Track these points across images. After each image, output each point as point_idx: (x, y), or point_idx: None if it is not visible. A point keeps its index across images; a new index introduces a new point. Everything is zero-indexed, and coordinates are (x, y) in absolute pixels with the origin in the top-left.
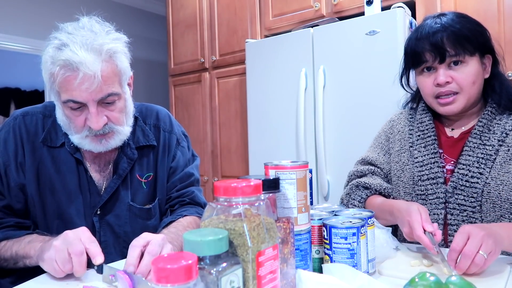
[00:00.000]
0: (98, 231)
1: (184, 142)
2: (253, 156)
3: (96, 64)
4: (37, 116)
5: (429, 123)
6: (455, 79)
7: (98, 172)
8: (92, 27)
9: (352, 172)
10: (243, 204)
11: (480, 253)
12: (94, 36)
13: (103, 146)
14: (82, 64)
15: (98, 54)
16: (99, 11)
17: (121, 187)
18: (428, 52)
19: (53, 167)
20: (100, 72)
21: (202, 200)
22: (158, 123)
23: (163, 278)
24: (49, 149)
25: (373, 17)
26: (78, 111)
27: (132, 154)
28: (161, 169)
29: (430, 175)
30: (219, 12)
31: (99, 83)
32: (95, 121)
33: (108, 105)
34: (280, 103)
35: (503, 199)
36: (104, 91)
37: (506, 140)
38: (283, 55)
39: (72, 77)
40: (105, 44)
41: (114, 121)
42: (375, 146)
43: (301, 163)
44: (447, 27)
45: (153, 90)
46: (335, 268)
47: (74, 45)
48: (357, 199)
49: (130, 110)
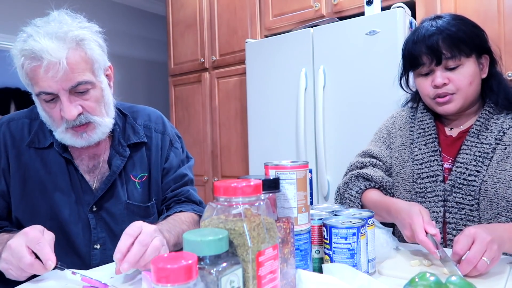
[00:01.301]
0: (94, 228)
1: (178, 143)
2: (253, 156)
3: (61, 51)
4: (23, 121)
5: (430, 122)
6: (452, 80)
7: (88, 172)
8: (61, 19)
9: (352, 163)
10: (243, 204)
11: (483, 259)
12: (59, 25)
13: (84, 140)
14: (45, 52)
15: (62, 42)
16: (96, 10)
17: (117, 185)
18: (424, 55)
19: (43, 169)
20: (66, 59)
21: (198, 198)
22: (150, 124)
23: (163, 278)
24: (37, 151)
25: (373, 17)
26: (52, 103)
27: (124, 151)
28: (155, 170)
29: (430, 173)
30: (219, 12)
31: (65, 70)
32: (68, 111)
33: (81, 94)
34: (280, 103)
35: (500, 197)
36: (73, 79)
37: (503, 138)
38: (283, 55)
39: (37, 66)
40: (70, 31)
41: (90, 111)
42: (376, 140)
43: (301, 163)
44: (442, 30)
45: (153, 90)
46: (335, 268)
47: (37, 35)
48: (354, 189)
49: (109, 101)
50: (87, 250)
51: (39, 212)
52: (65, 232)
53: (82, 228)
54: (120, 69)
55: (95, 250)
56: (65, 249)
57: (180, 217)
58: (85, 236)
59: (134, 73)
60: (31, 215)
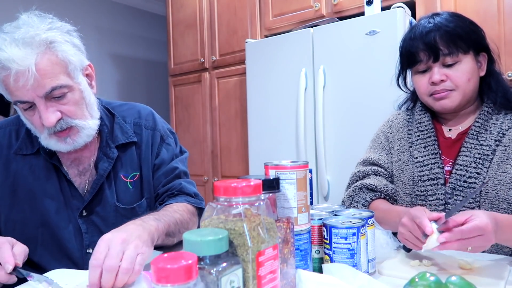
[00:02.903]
0: (85, 232)
1: (170, 139)
2: (253, 156)
3: (28, 58)
4: (10, 128)
5: (428, 123)
6: (449, 77)
7: (78, 176)
8: (31, 22)
9: (354, 174)
10: (243, 204)
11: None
12: (26, 30)
13: (69, 145)
14: (11, 61)
15: (29, 47)
16: (96, 10)
17: (105, 188)
18: (422, 52)
19: (31, 176)
20: (35, 65)
21: (192, 190)
22: (140, 121)
23: (163, 278)
24: (25, 158)
25: (373, 17)
26: (30, 110)
27: (112, 153)
28: (145, 167)
29: (431, 176)
30: (219, 12)
31: (35, 77)
32: (45, 117)
33: (59, 99)
34: (280, 103)
35: (500, 199)
36: (46, 85)
37: (502, 139)
38: (283, 55)
39: (6, 76)
40: (37, 35)
41: (70, 115)
42: (375, 147)
43: (301, 163)
44: (440, 27)
45: (153, 90)
46: (335, 268)
47: (3, 43)
48: (360, 202)
49: (91, 102)
50: (80, 255)
51: (30, 219)
52: (57, 238)
53: (74, 233)
54: (120, 69)
55: (88, 254)
56: (58, 255)
57: (172, 207)
58: (77, 241)
59: (134, 73)
60: (22, 223)
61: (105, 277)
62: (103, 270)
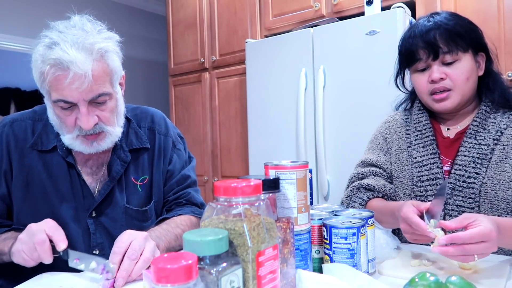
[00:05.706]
0: (93, 233)
1: (180, 145)
2: (253, 156)
3: (87, 64)
4: (26, 122)
5: (426, 123)
6: (449, 75)
7: (91, 175)
8: (84, 26)
9: (353, 175)
10: (243, 204)
11: (475, 256)
12: (85, 35)
13: (94, 148)
14: (73, 63)
15: (89, 53)
16: (96, 10)
17: (116, 190)
18: (421, 50)
19: (45, 172)
20: (91, 71)
21: (199, 200)
22: (153, 126)
23: (163, 278)
24: (40, 154)
25: (373, 17)
26: (68, 110)
27: (125, 157)
28: (156, 172)
29: (430, 176)
30: (219, 12)
31: (90, 82)
32: (85, 121)
33: (99, 105)
34: (280, 103)
35: (500, 199)
36: (95, 91)
37: (501, 139)
38: (283, 55)
39: (62, 76)
40: (96, 43)
41: (105, 121)
42: (373, 148)
43: (301, 163)
44: (440, 25)
45: (153, 90)
46: (335, 268)
47: (64, 44)
48: (358, 202)
49: (121, 110)
50: None
51: (40, 215)
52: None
53: (82, 234)
54: None
55: (94, 255)
56: None
57: (175, 221)
58: (84, 241)
59: (134, 73)
60: (33, 218)
61: (126, 264)
62: (126, 258)
